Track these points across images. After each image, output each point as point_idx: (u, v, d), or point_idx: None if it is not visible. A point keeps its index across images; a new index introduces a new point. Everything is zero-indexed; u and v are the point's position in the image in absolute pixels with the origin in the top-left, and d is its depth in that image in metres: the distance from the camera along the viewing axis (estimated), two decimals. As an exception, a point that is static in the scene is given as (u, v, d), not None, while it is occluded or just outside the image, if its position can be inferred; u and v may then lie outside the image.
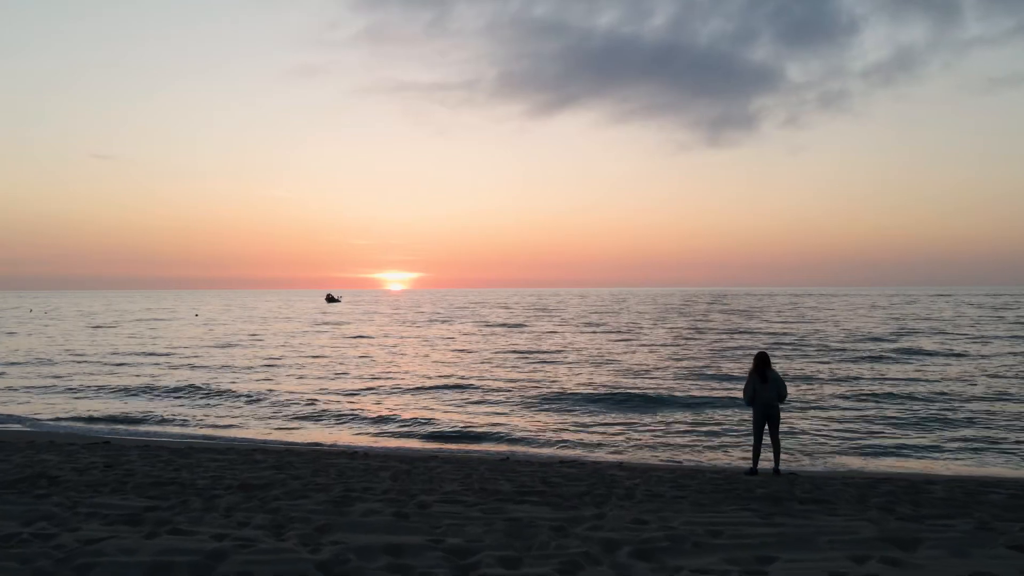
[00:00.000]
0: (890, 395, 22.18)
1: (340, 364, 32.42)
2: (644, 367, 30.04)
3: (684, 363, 31.36)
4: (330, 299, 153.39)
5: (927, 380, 25.43)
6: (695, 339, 45.51)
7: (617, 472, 12.00)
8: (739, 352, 36.52)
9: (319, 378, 28.15)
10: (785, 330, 51.47)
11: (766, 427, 11.94)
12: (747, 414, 19.30)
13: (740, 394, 22.84)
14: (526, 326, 62.74)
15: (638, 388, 24.15)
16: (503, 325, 64.33)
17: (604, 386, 24.67)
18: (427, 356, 36.66)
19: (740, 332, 50.22)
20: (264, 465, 12.57)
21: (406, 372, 29.77)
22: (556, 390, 23.71)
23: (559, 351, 37.96)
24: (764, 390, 11.74)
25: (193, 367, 31.90)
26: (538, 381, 25.73)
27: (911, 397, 21.78)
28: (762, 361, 11.85)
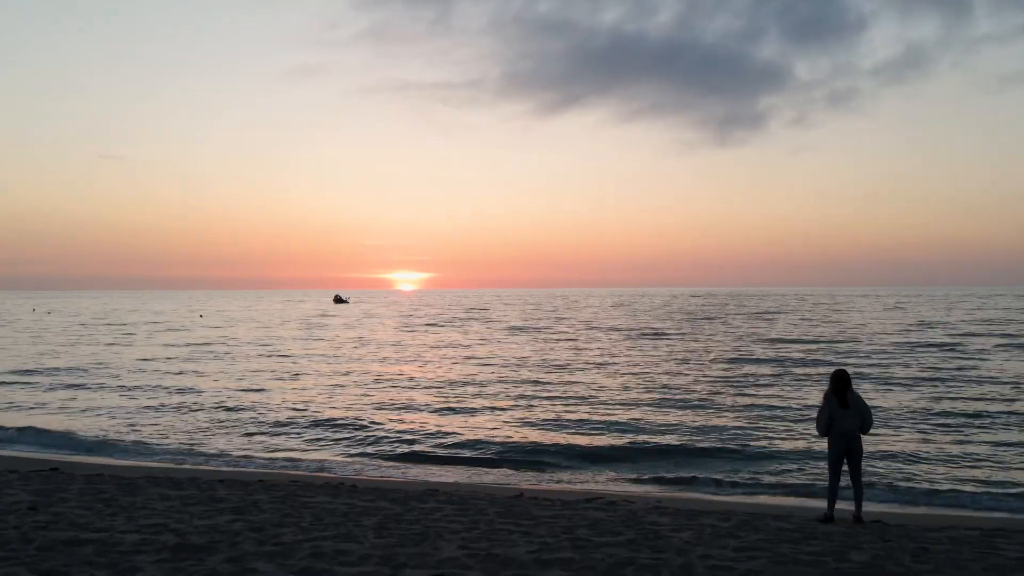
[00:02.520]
0: (965, 411, 19.42)
1: (335, 375, 29.91)
2: (672, 381, 27.62)
3: (713, 372, 29.03)
4: (338, 300, 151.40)
5: (1001, 393, 22.61)
6: (723, 347, 43.18)
7: (658, 519, 9.64)
8: (770, 360, 34.09)
9: (307, 394, 25.89)
10: (823, 335, 48.20)
11: (845, 464, 9.57)
12: (803, 438, 16.90)
13: (775, 407, 20.54)
14: (536, 330, 60.50)
15: (668, 406, 21.83)
16: (513, 329, 62.08)
17: (628, 402, 22.37)
18: (430, 365, 34.37)
19: (772, 340, 47.59)
20: (224, 505, 10.30)
21: (406, 385, 27.46)
22: (576, 407, 21.29)
23: (576, 362, 35.56)
24: (844, 418, 9.36)
25: (188, 385, 29.75)
26: (553, 397, 23.02)
27: (983, 413, 19.15)
28: (841, 382, 9.48)
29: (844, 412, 9.36)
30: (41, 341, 49.02)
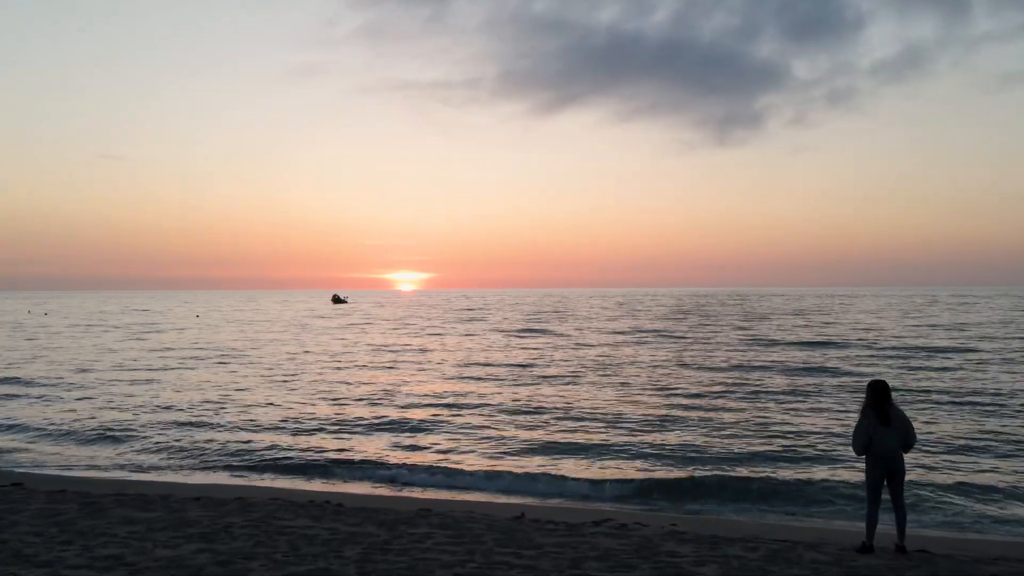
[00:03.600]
0: (1000, 428, 17.81)
1: (321, 382, 28.33)
2: (682, 389, 26.47)
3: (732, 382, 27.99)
4: (336, 300, 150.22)
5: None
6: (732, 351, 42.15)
7: (676, 548, 8.62)
8: (780, 364, 33.06)
9: (294, 401, 24.87)
10: (833, 339, 46.51)
11: (885, 486, 8.55)
12: (842, 460, 15.85)
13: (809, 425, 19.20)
14: (538, 332, 59.50)
15: (681, 418, 20.82)
16: (511, 332, 61.03)
17: (636, 416, 21.35)
18: (425, 371, 33.31)
19: (780, 344, 46.52)
20: (193, 530, 9.29)
21: (398, 392, 26.39)
22: (578, 422, 19.95)
23: (577, 369, 34.48)
24: (885, 435, 8.33)
25: (170, 391, 28.73)
26: (554, 410, 21.27)
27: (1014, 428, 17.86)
28: (882, 394, 8.45)
29: (885, 430, 8.33)
30: (28, 344, 48.02)
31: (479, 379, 27.88)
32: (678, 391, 23.79)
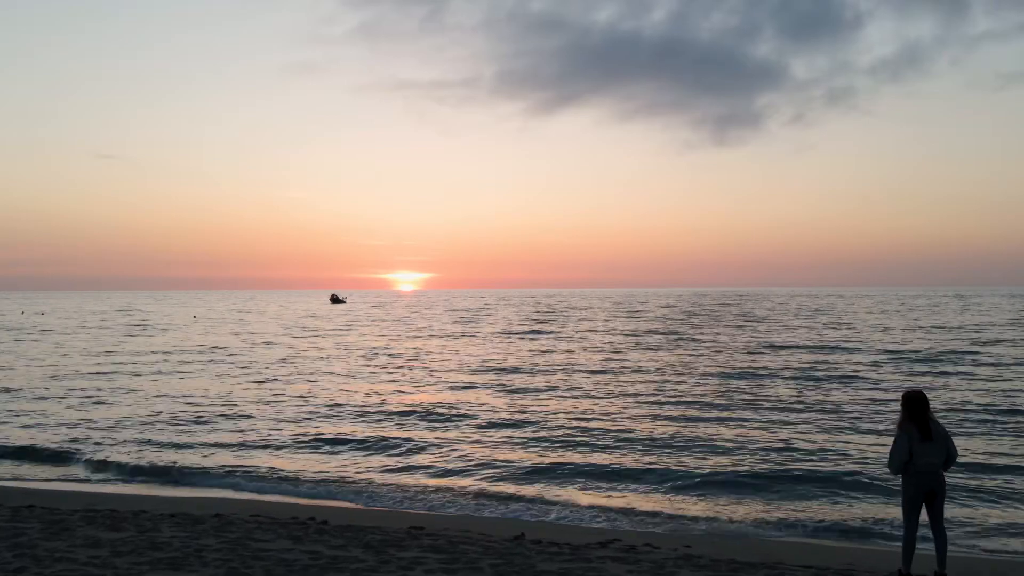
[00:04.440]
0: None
1: (314, 388, 27.48)
2: (689, 397, 25.38)
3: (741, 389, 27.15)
4: (335, 300, 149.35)
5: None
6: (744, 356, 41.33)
7: (692, 576, 7.80)
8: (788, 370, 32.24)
9: (284, 407, 24.10)
10: (845, 342, 45.71)
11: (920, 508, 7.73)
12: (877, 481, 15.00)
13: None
14: (537, 335, 58.78)
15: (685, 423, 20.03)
16: (512, 334, 60.29)
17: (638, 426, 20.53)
18: (422, 377, 32.44)
19: (788, 347, 45.70)
20: (161, 554, 8.47)
21: (391, 400, 25.55)
22: (582, 429, 18.85)
23: (578, 376, 33.58)
24: (927, 451, 7.52)
25: (155, 396, 27.97)
26: (554, 417, 20.32)
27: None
28: (921, 406, 7.64)
29: (926, 446, 7.50)
30: (14, 346, 47.23)
31: (478, 386, 26.68)
32: (685, 400, 22.59)
